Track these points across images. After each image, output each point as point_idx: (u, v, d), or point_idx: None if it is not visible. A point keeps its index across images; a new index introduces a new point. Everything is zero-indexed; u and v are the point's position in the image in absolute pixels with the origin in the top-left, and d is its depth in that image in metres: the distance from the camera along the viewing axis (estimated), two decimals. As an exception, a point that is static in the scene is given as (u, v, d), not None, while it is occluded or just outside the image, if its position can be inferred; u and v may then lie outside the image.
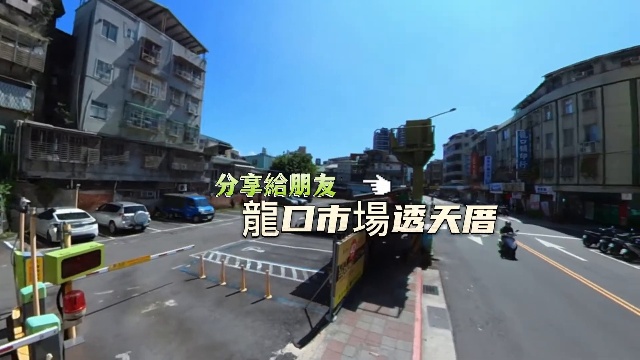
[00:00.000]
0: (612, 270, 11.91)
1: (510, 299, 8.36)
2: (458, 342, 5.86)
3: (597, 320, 7.15)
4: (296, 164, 49.04)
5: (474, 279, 10.07)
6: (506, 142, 45.46)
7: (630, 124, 24.63)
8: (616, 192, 24.84)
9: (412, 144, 12.46)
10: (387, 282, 9.15)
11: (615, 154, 25.44)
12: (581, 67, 30.23)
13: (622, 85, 25.34)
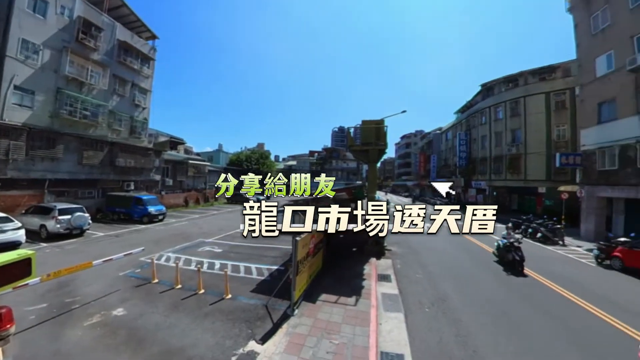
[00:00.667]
0: (531, 251, 13.84)
1: (453, 281, 9.32)
2: (409, 323, 6.38)
3: (520, 294, 8.36)
4: (254, 161, 47.69)
5: (422, 266, 10.95)
6: (449, 143, 49.72)
7: (545, 129, 28.87)
8: (534, 186, 28.87)
9: (367, 142, 13.00)
10: (345, 273, 9.48)
11: (534, 154, 29.52)
12: (509, 80, 34.28)
13: (540, 96, 29.51)
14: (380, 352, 5.17)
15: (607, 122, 17.31)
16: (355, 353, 5.07)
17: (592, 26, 18.50)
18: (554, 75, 30.23)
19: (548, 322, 6.65)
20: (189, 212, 26.46)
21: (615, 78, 16.62)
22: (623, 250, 11.53)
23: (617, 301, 7.94)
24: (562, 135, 28.13)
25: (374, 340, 5.44)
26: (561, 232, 16.71)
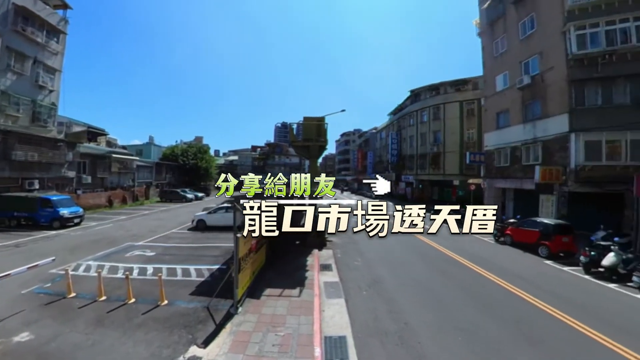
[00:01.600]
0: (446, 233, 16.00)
1: (387, 266, 10.23)
2: (349, 306, 6.82)
3: (441, 272, 9.65)
4: (192, 155, 43.75)
5: (361, 254, 11.71)
6: (383, 141, 53.59)
7: (459, 132, 33.47)
8: (450, 179, 33.24)
9: (309, 138, 13.23)
10: (288, 266, 9.57)
11: (451, 153, 33.89)
12: (432, 88, 38.57)
13: (455, 104, 34.06)
14: (324, 337, 5.41)
15: (503, 128, 20.87)
16: (301, 341, 5.20)
17: (494, 50, 21.99)
18: (467, 87, 35.08)
19: (461, 292, 7.92)
20: (114, 213, 23.19)
21: (509, 93, 20.11)
22: (512, 229, 14.20)
23: (507, 268, 9.90)
24: (471, 138, 32.93)
25: (317, 327, 5.66)
26: (470, 218, 19.70)
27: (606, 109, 14.75)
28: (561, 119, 15.84)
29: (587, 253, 10.20)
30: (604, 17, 14.62)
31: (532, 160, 17.92)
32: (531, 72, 18.09)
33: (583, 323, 6.12)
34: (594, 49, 14.68)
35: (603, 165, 14.45)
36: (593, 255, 10.02)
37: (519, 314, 6.67)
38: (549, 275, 9.85)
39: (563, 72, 15.80)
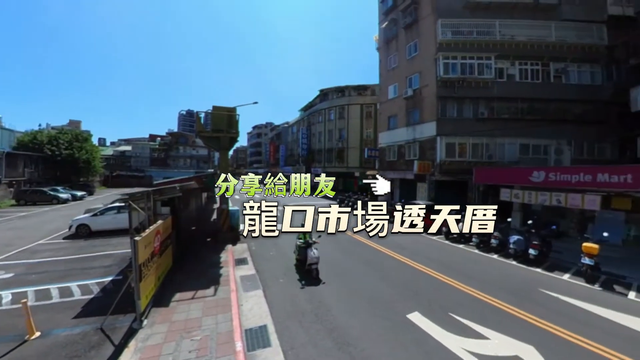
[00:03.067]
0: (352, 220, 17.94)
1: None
2: (268, 296, 6.94)
3: (350, 252, 10.71)
4: (65, 144, 33.76)
5: (275, 244, 11.64)
6: (294, 135, 54.68)
7: (359, 131, 37.48)
8: (352, 171, 37.01)
9: (219, 129, 12.33)
10: (200, 265, 8.91)
11: (353, 148, 37.61)
12: (339, 90, 41.61)
13: (357, 106, 37.86)
14: (244, 330, 5.37)
15: (393, 129, 24.46)
16: (220, 340, 5.02)
17: (388, 64, 25.38)
18: (367, 92, 39.44)
19: (364, 266, 9.15)
20: None
21: (398, 101, 23.64)
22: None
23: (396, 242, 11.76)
24: (369, 136, 37.36)
25: (237, 322, 5.57)
26: (368, 202, 22.71)
27: (458, 120, 19.27)
28: (431, 125, 19.76)
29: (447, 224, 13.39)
30: (460, 52, 18.91)
31: (412, 156, 21.77)
32: (413, 86, 21.78)
33: (444, 274, 8.10)
34: (453, 75, 18.88)
35: (456, 160, 18.92)
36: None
37: (406, 276, 8.33)
38: (423, 243, 12.45)
39: (434, 90, 19.65)
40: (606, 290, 7.83)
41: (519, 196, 14.53)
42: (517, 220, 14.58)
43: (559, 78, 19.15)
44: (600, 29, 19.28)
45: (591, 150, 19.16)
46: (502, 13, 19.10)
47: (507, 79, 19.10)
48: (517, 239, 10.55)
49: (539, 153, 18.87)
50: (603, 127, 18.64)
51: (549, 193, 13.20)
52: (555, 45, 18.98)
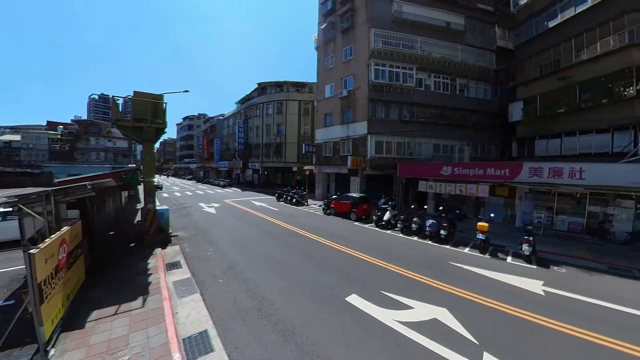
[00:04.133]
0: (289, 212, 18.02)
1: (239, 249, 10.19)
2: (206, 299, 6.39)
3: (286, 244, 10.54)
4: None
5: (211, 243, 11.00)
6: (230, 129, 51.51)
7: (297, 127, 37.62)
8: (290, 166, 37.05)
9: (141, 118, 10.66)
10: (123, 275, 7.67)
11: (291, 144, 37.53)
12: (277, 85, 40.62)
13: (295, 102, 37.83)
14: (182, 340, 4.84)
15: (329, 126, 25.26)
16: (154, 355, 4.42)
17: (325, 64, 25.89)
18: (304, 89, 39.53)
19: (302, 257, 9.12)
20: None
21: (333, 100, 24.44)
22: (334, 203, 17.85)
23: (332, 232, 12.33)
24: (306, 132, 37.80)
25: (172, 332, 4.99)
26: (306, 196, 22.90)
27: (386, 121, 21.09)
28: (363, 124, 21.12)
29: (376, 213, 14.72)
30: (388, 61, 20.65)
31: (346, 152, 22.94)
32: (348, 87, 22.83)
33: (376, 258, 8.83)
34: (383, 81, 20.53)
35: (384, 157, 20.73)
36: (379, 215, 14.56)
37: (343, 263, 8.69)
38: (356, 232, 13.26)
39: (365, 92, 20.99)
40: (493, 257, 9.82)
41: (432, 187, 16.85)
42: (431, 207, 16.87)
43: (462, 91, 22.86)
44: (491, 56, 23.77)
45: (483, 150, 23.56)
46: (422, 31, 21.61)
47: (425, 88, 21.81)
48: (432, 222, 12.24)
49: (447, 152, 22.22)
50: (491, 132, 23.26)
51: (454, 184, 15.69)
52: (461, 65, 22.51)
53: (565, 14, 16.80)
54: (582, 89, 15.62)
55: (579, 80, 15.71)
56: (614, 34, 14.56)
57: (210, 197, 26.54)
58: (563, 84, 16.37)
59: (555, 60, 17.37)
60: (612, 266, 9.31)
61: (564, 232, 13.08)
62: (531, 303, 6.43)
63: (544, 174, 12.62)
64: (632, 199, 11.59)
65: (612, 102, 14.28)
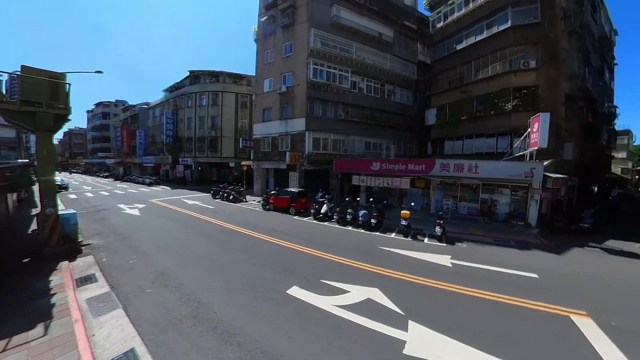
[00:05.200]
0: (226, 210, 17.09)
1: (170, 253, 9.16)
2: (131, 313, 5.55)
3: (222, 242, 9.90)
4: None
5: (135, 249, 9.55)
6: (156, 119, 45.33)
7: (234, 120, 35.56)
8: (227, 161, 34.83)
9: (34, 101, 8.38)
10: (13, 300, 6.09)
11: (227, 138, 35.30)
12: (213, 74, 37.39)
13: (232, 95, 35.52)
14: (99, 365, 4.14)
15: (267, 121, 24.60)
16: (58, 389, 3.66)
17: (265, 58, 24.91)
18: (242, 82, 37.35)
19: (241, 255, 8.71)
20: None
21: (272, 95, 23.83)
22: (274, 198, 17.61)
23: (271, 227, 12.10)
24: (244, 126, 36.07)
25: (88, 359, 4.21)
26: (244, 193, 22.02)
27: (323, 119, 21.69)
28: (301, 121, 21.27)
29: (314, 207, 15.19)
30: (326, 62, 21.16)
31: (285, 147, 22.79)
32: (287, 83, 22.53)
33: (315, 249, 9.10)
34: (321, 80, 20.97)
35: (321, 153, 21.36)
36: (317, 208, 15.05)
37: (283, 257, 8.67)
38: (295, 225, 13.41)
39: (304, 90, 21.09)
40: (414, 240, 11.30)
41: (364, 181, 18.26)
42: (363, 199, 18.21)
43: (390, 96, 25.20)
44: (413, 67, 26.83)
45: (405, 148, 26.48)
46: (358, 38, 22.84)
47: (359, 90, 23.21)
48: (364, 212, 13.30)
49: (377, 149, 24.24)
50: (411, 133, 26.35)
51: (382, 178, 17.36)
52: (389, 72, 24.67)
53: (469, 40, 20.17)
54: (478, 102, 19.06)
55: (475, 95, 19.15)
56: (499, 61, 18.21)
57: (133, 197, 23.00)
58: (465, 97, 19.70)
59: (460, 77, 20.78)
60: (497, 239, 11.83)
61: (464, 215, 15.83)
62: (442, 274, 7.69)
63: (450, 169, 15.07)
64: (509, 188, 14.75)
65: (497, 114, 17.87)
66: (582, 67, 19.74)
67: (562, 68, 16.56)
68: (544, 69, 16.35)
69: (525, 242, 11.58)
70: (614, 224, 16.21)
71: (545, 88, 16.31)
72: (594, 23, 22.49)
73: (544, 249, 10.83)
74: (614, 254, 10.65)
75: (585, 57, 20.00)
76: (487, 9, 18.57)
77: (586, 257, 10.16)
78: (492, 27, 18.35)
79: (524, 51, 17.09)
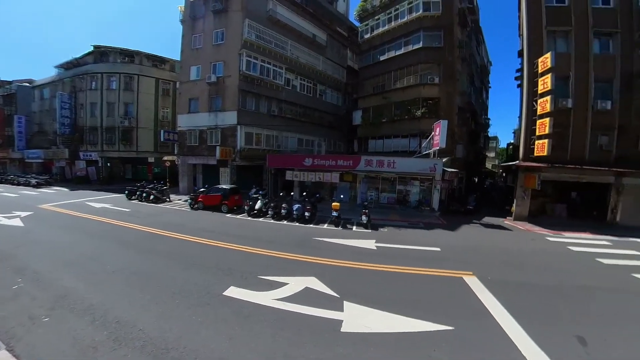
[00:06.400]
0: (146, 211, 14.95)
1: (72, 269, 7.37)
2: (21, 352, 4.22)
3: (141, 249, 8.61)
4: None
5: (20, 271, 7.25)
6: (45, 103, 35.49)
7: (153, 109, 30.91)
8: (145, 156, 30.23)
9: None
10: None
11: (144, 129, 30.49)
12: (126, 53, 31.15)
13: (151, 80, 30.62)
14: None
15: (194, 113, 22.30)
16: None
17: (193, 42, 22.28)
18: (164, 66, 32.45)
19: (173, 260, 7.71)
20: None
21: (200, 85, 21.65)
22: (203, 196, 16.31)
23: (201, 227, 11.19)
24: (166, 117, 31.73)
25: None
26: (167, 191, 19.56)
27: (256, 113, 21.01)
28: (233, 114, 20.09)
29: (248, 203, 14.76)
30: (261, 55, 20.42)
31: (214, 142, 21.17)
32: (217, 73, 20.80)
33: (251, 246, 8.84)
34: (254, 74, 20.16)
35: (254, 148, 20.73)
36: (251, 204, 14.68)
37: (217, 258, 8.09)
38: (229, 224, 12.80)
39: (236, 82, 19.90)
40: (344, 228, 12.27)
41: (298, 176, 18.64)
42: (297, 193, 18.52)
43: (321, 96, 26.13)
44: (343, 71, 28.44)
45: (335, 145, 27.98)
46: (293, 36, 22.73)
47: (292, 88, 23.26)
48: (298, 206, 13.60)
49: (309, 145, 24.90)
50: (340, 132, 28.01)
51: (314, 173, 18.09)
52: (322, 73, 25.47)
53: (390, 53, 22.75)
54: (396, 107, 21.71)
55: (394, 101, 21.74)
56: (413, 74, 21.18)
57: (11, 204, 17.39)
58: (385, 102, 22.15)
59: (382, 84, 23.26)
60: (411, 222, 13.97)
61: (385, 204, 17.97)
62: (370, 256, 8.64)
63: (373, 165, 16.90)
64: (418, 180, 17.40)
65: (410, 119, 20.70)
66: (469, 87, 24.83)
67: (456, 86, 20.39)
68: (444, 85, 19.77)
69: (431, 223, 14.08)
70: (488, 205, 21.13)
71: (445, 100, 19.72)
72: (477, 54, 28.45)
73: (443, 227, 13.47)
74: (489, 227, 14.22)
75: (471, 79, 25.23)
76: (405, 29, 21.27)
77: (471, 231, 13.15)
78: (409, 45, 21.21)
79: (430, 69, 20.26)
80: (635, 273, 8.21)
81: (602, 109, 15.14)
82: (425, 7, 19.83)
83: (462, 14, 21.14)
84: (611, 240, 12.26)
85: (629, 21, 15.26)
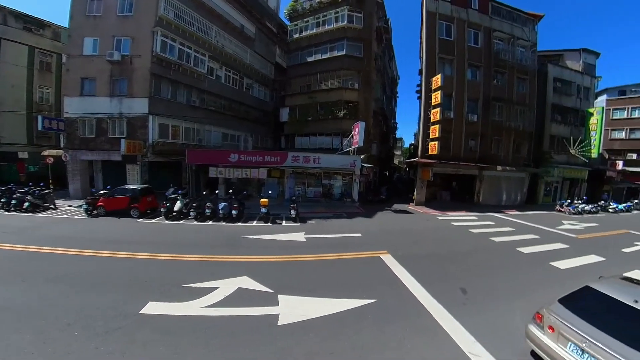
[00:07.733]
0: (18, 225, 11.14)
1: None
2: None
3: (12, 273, 6.51)
4: None
5: None
6: None
7: (26, 87, 23.11)
8: (13, 151, 22.50)
9: None
10: None
11: (10, 114, 22.51)
12: None
13: (23, 48, 22.73)
14: None
15: (89, 96, 17.81)
16: None
17: (88, 8, 17.46)
18: (44, 32, 24.35)
19: (55, 286, 6.05)
20: None
21: (98, 62, 17.38)
22: (104, 199, 13.38)
23: (105, 238, 9.26)
24: (46, 99, 24.30)
25: None
26: (51, 196, 15.13)
27: (173, 103, 18.43)
28: (143, 101, 17.07)
29: (165, 205, 12.88)
30: (180, 38, 17.82)
31: (118, 133, 17.55)
32: (122, 51, 17.11)
33: (171, 253, 7.85)
34: (171, 57, 17.54)
35: (170, 142, 18.19)
36: (169, 206, 12.89)
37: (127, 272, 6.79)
38: (141, 231, 10.89)
39: (147, 64, 16.89)
40: (274, 224, 12.22)
41: (222, 173, 17.48)
42: (222, 191, 17.31)
43: (248, 90, 24.88)
44: (271, 67, 27.78)
45: (262, 141, 27.28)
46: (219, 23, 20.77)
47: (216, 78, 21.34)
48: (224, 205, 12.76)
49: (235, 141, 23.50)
50: (268, 127, 27.48)
51: (241, 169, 17.36)
52: (249, 67, 24.19)
53: (317, 56, 23.75)
54: (321, 107, 22.70)
55: (319, 101, 22.77)
56: (336, 78, 22.73)
57: None
58: (312, 102, 22.94)
59: (309, 84, 23.99)
60: (335, 213, 15.08)
61: (312, 198, 18.76)
62: (300, 248, 8.91)
63: (300, 161, 17.41)
64: (340, 175, 18.85)
65: (333, 118, 22.08)
66: (382, 94, 28.42)
67: (372, 92, 22.84)
68: (362, 91, 21.84)
69: (352, 213, 15.56)
70: (396, 195, 24.90)
71: (363, 104, 21.81)
72: (389, 68, 32.76)
73: (363, 215, 15.17)
74: (398, 212, 16.93)
75: (383, 88, 28.95)
76: (331, 35, 22.37)
77: (385, 217, 15.33)
78: (334, 50, 22.43)
79: (351, 75, 22.01)
80: (492, 237, 11.39)
81: (471, 121, 20.95)
82: (349, 19, 21.50)
83: (379, 32, 23.85)
84: (477, 215, 16.99)
85: (489, 59, 21.34)
